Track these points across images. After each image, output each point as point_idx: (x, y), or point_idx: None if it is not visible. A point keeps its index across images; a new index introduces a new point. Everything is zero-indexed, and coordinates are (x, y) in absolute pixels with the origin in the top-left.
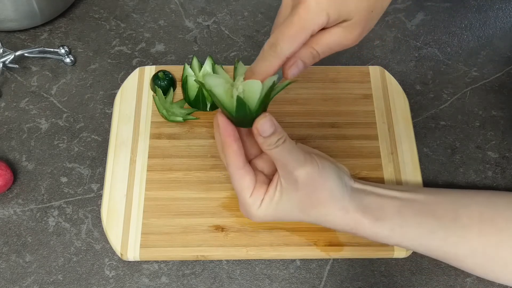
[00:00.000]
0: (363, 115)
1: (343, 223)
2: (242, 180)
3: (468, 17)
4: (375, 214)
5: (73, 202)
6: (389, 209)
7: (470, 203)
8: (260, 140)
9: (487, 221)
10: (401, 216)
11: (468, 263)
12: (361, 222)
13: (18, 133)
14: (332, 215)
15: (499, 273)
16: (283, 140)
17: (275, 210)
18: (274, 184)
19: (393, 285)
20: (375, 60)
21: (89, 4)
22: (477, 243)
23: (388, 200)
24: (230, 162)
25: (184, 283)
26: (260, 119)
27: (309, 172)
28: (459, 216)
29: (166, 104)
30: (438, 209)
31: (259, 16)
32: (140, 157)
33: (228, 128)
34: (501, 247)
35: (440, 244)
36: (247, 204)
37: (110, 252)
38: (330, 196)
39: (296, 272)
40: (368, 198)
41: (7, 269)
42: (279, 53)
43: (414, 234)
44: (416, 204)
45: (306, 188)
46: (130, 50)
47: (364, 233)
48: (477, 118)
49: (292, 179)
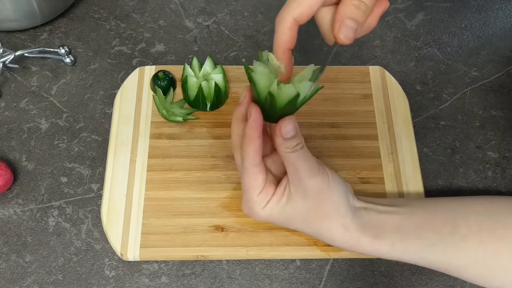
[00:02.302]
0: (363, 115)
1: (342, 240)
2: (255, 177)
3: (468, 17)
4: (375, 232)
5: (73, 202)
6: (389, 225)
7: (468, 213)
8: (279, 141)
9: (486, 230)
10: (401, 231)
11: (469, 273)
12: (360, 240)
13: (18, 133)
14: (333, 230)
15: (500, 282)
16: (301, 146)
17: (279, 213)
18: (282, 188)
19: (393, 285)
20: (375, 60)
21: (89, 4)
22: (476, 253)
23: (388, 216)
24: (248, 158)
25: (184, 283)
26: (285, 120)
27: (320, 183)
28: (458, 227)
29: (166, 104)
30: (436, 221)
31: (259, 16)
32: (140, 157)
33: (258, 122)
34: (501, 256)
35: (441, 256)
36: (252, 202)
37: (110, 252)
38: (335, 211)
39: (296, 272)
40: (369, 215)
41: (7, 269)
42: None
43: (414, 248)
44: (415, 218)
45: (314, 200)
46: (130, 50)
47: (363, 250)
48: (477, 118)
49: (301, 188)
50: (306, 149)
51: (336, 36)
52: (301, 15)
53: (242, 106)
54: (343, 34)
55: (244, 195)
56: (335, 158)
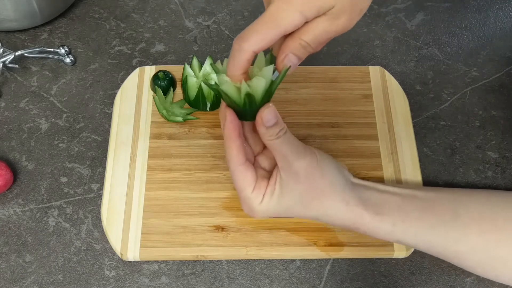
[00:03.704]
0: (363, 115)
1: (344, 217)
2: (243, 176)
3: (468, 17)
4: (376, 208)
5: (73, 202)
6: (390, 204)
7: (469, 202)
8: (262, 130)
9: (487, 219)
10: (402, 210)
11: (469, 260)
12: (362, 215)
13: (18, 133)
14: (333, 207)
15: (499, 271)
16: (284, 132)
17: (277, 204)
18: (274, 178)
19: (393, 285)
20: (375, 60)
21: (89, 4)
22: (477, 241)
23: (389, 195)
24: (232, 158)
25: (184, 283)
26: (264, 109)
27: (309, 163)
28: (459, 215)
29: (166, 104)
30: (437, 206)
31: (259, 16)
32: (140, 157)
33: (234, 123)
34: (501, 246)
35: (441, 240)
36: (249, 199)
37: (110, 252)
38: (331, 187)
39: (296, 272)
40: (369, 192)
41: (7, 269)
42: (244, 49)
43: (415, 229)
44: (416, 200)
45: (307, 179)
46: (130, 50)
47: (365, 227)
48: (477, 118)
49: (292, 171)
50: (289, 134)
51: (279, 67)
52: (260, 49)
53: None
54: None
55: (240, 196)
56: (335, 158)
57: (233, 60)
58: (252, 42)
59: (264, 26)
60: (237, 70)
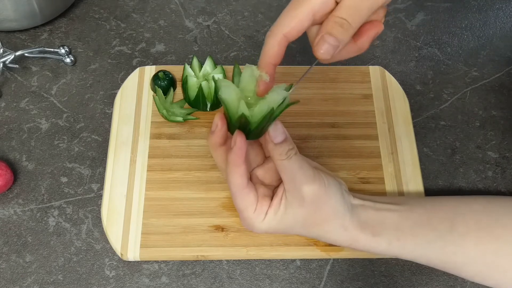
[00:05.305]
0: (363, 115)
1: (341, 239)
2: (246, 198)
3: (468, 17)
4: (372, 230)
5: (73, 202)
6: (386, 223)
7: (466, 211)
8: (271, 146)
9: (484, 229)
10: (398, 229)
11: (468, 271)
12: (358, 238)
13: (18, 133)
14: (333, 232)
15: (499, 280)
16: (294, 152)
17: (278, 223)
18: (279, 198)
19: (393, 285)
20: (375, 60)
21: (89, 4)
22: (475, 251)
23: (386, 213)
24: (236, 183)
25: (184, 283)
26: (273, 126)
27: (317, 190)
28: (456, 225)
29: (166, 104)
30: (434, 219)
31: (259, 16)
32: (140, 157)
33: (243, 150)
34: (499, 255)
35: (439, 254)
36: (250, 219)
37: (110, 252)
38: (333, 214)
39: (296, 272)
40: (366, 213)
41: (7, 269)
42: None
43: (412, 246)
44: (414, 215)
45: (312, 206)
46: (130, 50)
47: (362, 247)
48: (477, 118)
49: (298, 195)
50: (300, 156)
51: (315, 50)
52: (291, 30)
53: (216, 135)
54: (322, 49)
55: (241, 215)
56: (335, 158)
57: (264, 47)
58: (281, 25)
59: (292, 7)
60: (268, 58)
